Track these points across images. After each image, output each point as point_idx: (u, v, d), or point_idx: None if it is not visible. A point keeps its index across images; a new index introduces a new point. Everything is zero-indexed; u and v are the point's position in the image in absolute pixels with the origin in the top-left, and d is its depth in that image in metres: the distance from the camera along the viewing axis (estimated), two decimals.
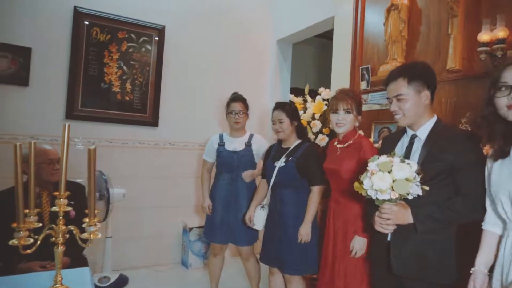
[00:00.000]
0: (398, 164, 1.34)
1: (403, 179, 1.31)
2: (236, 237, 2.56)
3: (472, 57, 2.10)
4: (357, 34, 2.98)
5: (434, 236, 1.46)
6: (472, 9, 2.11)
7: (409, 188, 1.31)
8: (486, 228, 1.35)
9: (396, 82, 1.55)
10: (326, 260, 2.02)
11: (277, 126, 2.28)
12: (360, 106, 2.04)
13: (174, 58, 3.61)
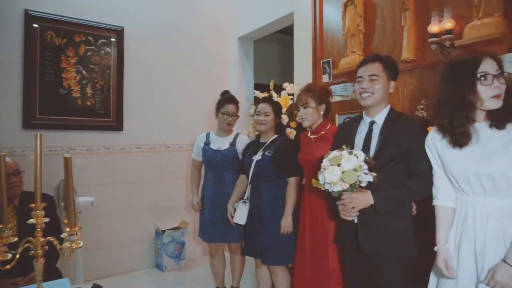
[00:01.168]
0: (346, 157, 1.49)
1: (351, 170, 1.46)
2: (226, 235, 2.58)
3: (424, 48, 2.25)
4: (316, 29, 3.07)
5: (395, 216, 1.60)
6: (422, 2, 2.26)
7: (357, 177, 1.45)
8: (440, 204, 1.47)
9: (374, 64, 1.71)
10: (302, 250, 2.11)
11: (262, 117, 2.33)
12: (320, 95, 2.12)
13: (136, 60, 3.54)
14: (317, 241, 2.01)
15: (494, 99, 1.25)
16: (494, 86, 1.25)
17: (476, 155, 1.30)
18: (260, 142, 2.41)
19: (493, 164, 1.25)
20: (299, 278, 2.11)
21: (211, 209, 2.61)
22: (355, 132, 1.75)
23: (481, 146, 1.29)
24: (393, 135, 1.61)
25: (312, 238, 2.04)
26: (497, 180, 1.24)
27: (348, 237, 1.71)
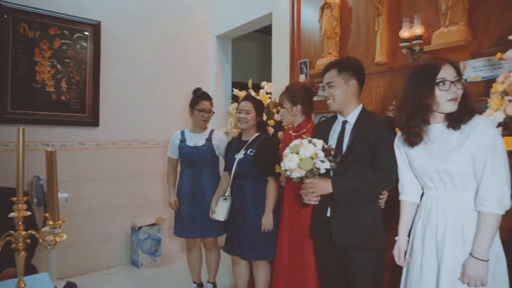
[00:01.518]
0: (305, 145, 1.60)
1: (307, 158, 1.57)
2: (203, 231, 2.61)
3: (396, 52, 2.37)
4: (294, 30, 3.15)
5: (365, 209, 1.71)
6: (394, 9, 2.38)
7: (313, 164, 1.56)
8: (404, 199, 1.59)
9: (329, 72, 1.80)
10: (280, 244, 2.18)
11: (243, 115, 2.36)
12: (295, 97, 2.18)
13: (113, 55, 3.49)
14: (295, 236, 2.08)
15: (450, 102, 1.35)
16: (451, 91, 1.35)
17: (435, 153, 1.41)
18: (242, 140, 2.44)
19: (450, 161, 1.36)
20: (277, 271, 2.18)
21: (189, 204, 2.63)
22: (330, 131, 1.84)
23: (440, 145, 1.40)
24: (363, 133, 1.71)
25: (290, 232, 2.11)
26: (454, 176, 1.36)
27: (322, 230, 1.80)
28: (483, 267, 1.29)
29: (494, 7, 1.94)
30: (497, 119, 1.52)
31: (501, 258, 1.36)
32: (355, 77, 1.77)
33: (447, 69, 1.37)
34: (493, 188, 1.28)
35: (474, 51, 2.02)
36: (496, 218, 1.30)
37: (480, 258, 1.29)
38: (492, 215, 1.29)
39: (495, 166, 1.28)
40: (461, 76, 1.38)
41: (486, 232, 1.30)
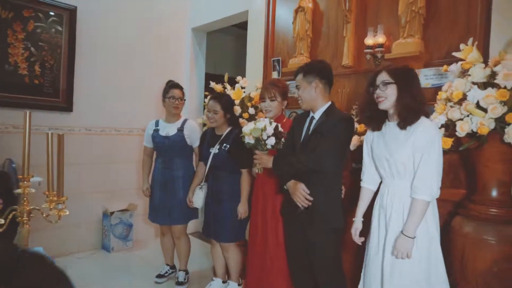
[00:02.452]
0: (262, 120, 2.07)
1: (258, 128, 2.02)
2: (171, 218, 2.74)
3: (361, 56, 2.63)
4: (269, 29, 3.34)
5: (325, 195, 1.95)
6: (361, 18, 2.63)
7: (260, 133, 2.02)
8: (365, 186, 1.88)
9: (297, 76, 2.07)
10: (255, 228, 2.39)
11: (211, 115, 2.51)
12: (284, 92, 2.42)
13: (88, 41, 3.50)
14: (268, 217, 2.30)
15: (378, 102, 1.68)
16: (377, 92, 1.67)
17: (388, 146, 1.69)
18: (216, 134, 2.59)
19: (395, 153, 1.65)
20: (252, 252, 2.40)
21: (159, 192, 2.76)
22: (303, 124, 2.07)
23: (391, 140, 1.69)
24: (320, 127, 1.98)
25: (264, 214, 2.33)
26: (398, 166, 1.65)
27: (288, 210, 2.06)
28: (409, 243, 1.58)
29: (444, 26, 2.25)
30: (440, 121, 1.81)
31: (434, 238, 1.65)
32: (319, 78, 1.99)
33: (380, 74, 1.68)
34: (425, 179, 1.57)
35: (426, 61, 2.31)
36: (425, 204, 1.58)
37: (408, 236, 1.58)
38: (422, 201, 1.57)
39: (429, 161, 1.56)
40: (396, 81, 1.65)
41: (415, 214, 1.58)
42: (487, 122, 1.64)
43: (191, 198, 2.63)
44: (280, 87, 2.38)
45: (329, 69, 2.07)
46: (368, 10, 2.61)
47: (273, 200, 2.28)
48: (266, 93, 2.36)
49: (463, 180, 2.12)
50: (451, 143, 1.83)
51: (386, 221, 1.69)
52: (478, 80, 1.70)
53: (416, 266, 1.62)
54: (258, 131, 2.02)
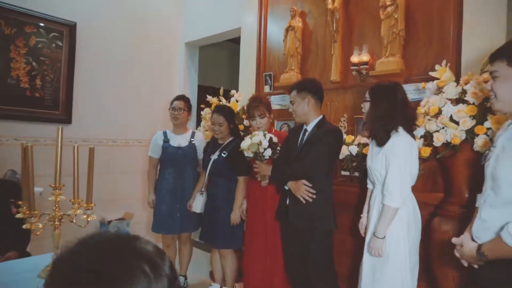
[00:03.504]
0: (258, 135, 2.28)
1: (255, 143, 2.24)
2: (182, 226, 2.84)
3: (347, 73, 2.86)
4: (261, 45, 3.55)
5: (316, 199, 2.13)
6: (347, 38, 2.88)
7: (257, 148, 2.23)
8: (368, 187, 2.10)
9: (292, 92, 2.29)
10: (252, 235, 2.56)
11: (217, 128, 2.66)
12: (270, 107, 2.64)
13: (87, 55, 3.65)
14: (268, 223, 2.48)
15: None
16: (362, 106, 1.94)
17: (369, 157, 1.96)
18: (218, 143, 2.76)
19: (373, 163, 1.90)
20: (248, 258, 2.58)
21: (170, 202, 2.83)
22: (298, 135, 2.28)
23: (371, 152, 1.95)
24: (312, 138, 2.19)
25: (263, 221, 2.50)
26: (376, 174, 1.89)
27: (283, 215, 2.26)
28: (380, 243, 1.81)
29: (421, 46, 2.51)
30: (420, 133, 2.05)
31: (400, 239, 1.83)
32: (311, 94, 2.22)
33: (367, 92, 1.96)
34: (389, 188, 1.79)
35: (406, 78, 2.56)
36: (391, 209, 1.79)
37: (378, 237, 1.81)
38: (389, 207, 1.80)
39: (393, 172, 1.78)
40: (371, 99, 1.91)
41: (384, 218, 1.81)
42: (459, 134, 1.89)
43: (191, 203, 2.76)
44: (265, 103, 2.60)
45: (320, 87, 2.30)
46: (353, 31, 2.86)
47: (271, 207, 2.46)
48: (255, 112, 2.54)
49: (441, 184, 2.36)
50: (429, 151, 2.08)
51: (369, 222, 1.94)
52: (451, 97, 1.95)
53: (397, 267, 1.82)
54: (255, 146, 2.24)
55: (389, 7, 2.50)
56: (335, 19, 2.82)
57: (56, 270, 0.56)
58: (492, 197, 1.38)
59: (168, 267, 0.58)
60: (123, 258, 0.55)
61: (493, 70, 1.36)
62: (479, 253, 1.35)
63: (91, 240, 0.58)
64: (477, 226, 1.43)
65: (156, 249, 0.59)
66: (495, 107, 1.40)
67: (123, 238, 0.60)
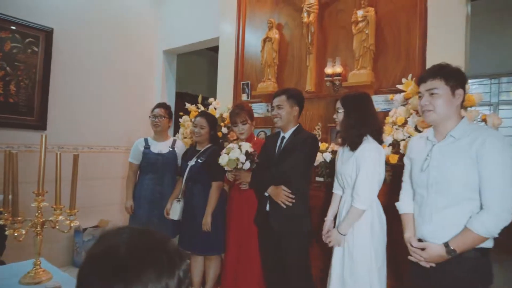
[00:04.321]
0: (233, 149, 2.35)
1: (232, 160, 2.34)
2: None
3: (322, 83, 3.00)
4: (238, 55, 3.64)
5: (295, 202, 2.22)
6: (321, 50, 3.02)
7: (235, 165, 2.33)
8: (335, 192, 2.21)
9: (280, 97, 2.38)
10: (229, 241, 2.62)
11: (197, 130, 2.73)
12: (252, 114, 2.74)
13: (64, 62, 3.62)
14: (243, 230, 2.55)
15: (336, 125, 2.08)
16: (335, 116, 2.06)
17: (339, 162, 2.08)
18: (196, 149, 2.82)
19: (344, 168, 2.02)
20: (226, 264, 2.63)
21: (148, 208, 2.85)
22: (275, 142, 2.38)
23: (342, 157, 2.08)
24: (289, 146, 2.30)
25: (238, 227, 2.57)
26: (346, 177, 2.02)
27: (262, 220, 2.33)
28: (341, 238, 1.97)
29: (390, 60, 2.68)
30: (388, 141, 2.20)
31: (366, 241, 1.96)
32: (297, 104, 2.36)
33: (337, 101, 2.10)
34: (358, 191, 1.93)
35: (377, 89, 2.72)
36: (358, 211, 1.94)
37: (341, 233, 1.96)
38: (356, 208, 1.93)
39: (361, 176, 1.92)
40: (347, 109, 2.04)
41: (350, 218, 1.95)
42: None
43: (169, 211, 2.78)
44: (248, 110, 2.69)
45: (303, 100, 2.45)
46: (327, 44, 3.01)
47: (248, 212, 2.53)
48: (238, 118, 2.63)
49: None
50: (397, 158, 2.22)
51: (338, 223, 2.06)
52: (415, 109, 2.10)
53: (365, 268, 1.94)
54: (233, 163, 2.34)
55: (360, 22, 2.66)
56: (311, 32, 2.96)
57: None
58: (441, 200, 1.55)
59: (184, 271, 0.64)
60: (147, 244, 0.64)
61: (433, 87, 1.57)
62: (449, 250, 1.50)
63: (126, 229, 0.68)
64: (430, 229, 1.59)
65: (179, 252, 0.66)
66: (430, 118, 1.61)
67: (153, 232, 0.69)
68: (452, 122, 1.60)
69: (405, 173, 1.85)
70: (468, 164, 1.49)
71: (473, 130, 1.56)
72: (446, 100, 1.56)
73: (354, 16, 2.70)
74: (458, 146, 1.54)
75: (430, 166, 1.60)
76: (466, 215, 1.50)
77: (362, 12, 2.65)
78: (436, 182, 1.57)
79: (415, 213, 1.73)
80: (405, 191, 1.84)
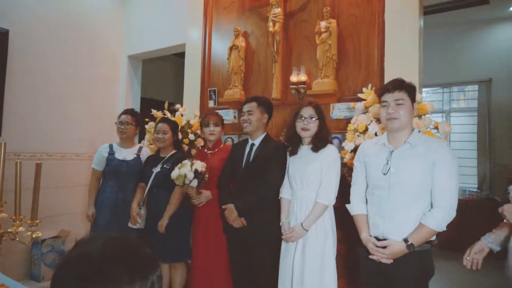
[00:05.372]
0: (186, 165, 2.42)
1: (181, 175, 2.40)
2: None
3: (287, 91, 3.08)
4: (205, 61, 3.65)
5: (270, 209, 2.30)
6: (286, 59, 3.11)
7: (183, 181, 2.39)
8: (284, 196, 2.28)
9: (251, 103, 2.44)
10: (197, 247, 2.62)
11: (161, 135, 2.70)
12: (223, 121, 2.80)
13: (21, 65, 3.45)
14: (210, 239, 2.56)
15: (302, 131, 2.14)
16: (303, 123, 2.11)
17: (301, 164, 2.15)
18: (160, 156, 2.78)
19: (307, 169, 2.11)
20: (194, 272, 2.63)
21: (110, 216, 2.77)
22: (243, 149, 2.42)
23: (304, 159, 2.15)
24: (262, 153, 2.35)
25: (205, 235, 2.58)
26: (308, 179, 2.10)
27: (231, 229, 2.34)
28: (303, 233, 2.06)
29: (351, 70, 2.81)
30: (350, 147, 2.30)
31: (329, 235, 2.09)
32: (267, 112, 2.44)
33: (306, 109, 2.15)
34: (326, 189, 2.05)
35: (339, 97, 2.84)
36: (323, 207, 2.06)
37: (304, 228, 2.06)
38: (321, 204, 2.05)
39: (330, 175, 2.05)
40: (319, 116, 2.15)
41: (315, 214, 2.06)
42: None
43: (139, 215, 2.67)
44: (220, 117, 2.74)
45: (273, 109, 2.54)
46: (292, 53, 3.11)
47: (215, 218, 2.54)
48: (211, 119, 2.67)
49: None
50: None
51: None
52: (375, 116, 2.23)
53: (318, 262, 2.05)
54: (181, 178, 2.41)
55: (323, 33, 2.77)
56: (276, 41, 3.04)
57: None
58: (401, 200, 1.71)
59: (157, 276, 0.69)
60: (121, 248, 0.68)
61: (401, 98, 1.74)
62: (409, 245, 1.65)
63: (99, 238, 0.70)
64: (392, 227, 1.73)
65: (152, 258, 0.72)
66: (395, 125, 1.76)
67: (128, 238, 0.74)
68: (408, 131, 1.78)
69: (357, 176, 1.96)
70: (425, 167, 1.67)
71: (426, 139, 1.76)
72: (409, 110, 1.74)
73: (317, 27, 2.81)
74: (415, 152, 1.71)
75: (391, 169, 1.73)
76: (420, 213, 1.69)
77: (325, 24, 2.76)
78: (397, 184, 1.71)
79: (371, 213, 1.84)
80: (357, 194, 1.95)
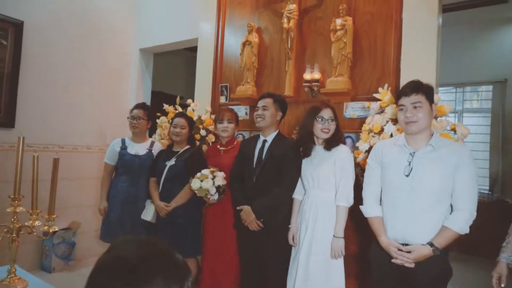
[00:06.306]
0: (208, 180, 2.41)
1: (204, 189, 2.42)
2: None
3: (300, 89, 3.06)
4: (217, 57, 3.63)
5: (283, 211, 2.29)
6: (300, 56, 3.07)
7: (205, 194, 2.43)
8: (296, 197, 2.28)
9: (266, 99, 2.42)
10: (207, 243, 2.63)
11: (178, 130, 2.68)
12: (238, 119, 2.77)
13: (36, 56, 3.47)
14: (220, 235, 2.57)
15: (322, 132, 2.11)
16: (324, 125, 2.09)
17: (313, 164, 2.13)
18: (173, 150, 2.76)
19: (319, 169, 2.09)
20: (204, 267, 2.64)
21: (121, 210, 2.78)
22: (254, 146, 2.40)
23: (317, 159, 2.13)
24: (276, 150, 2.33)
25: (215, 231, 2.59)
26: (320, 178, 2.09)
27: (241, 225, 2.34)
28: (341, 242, 2.02)
29: (366, 69, 2.77)
30: (365, 148, 2.28)
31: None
32: (281, 110, 2.43)
33: (325, 110, 2.12)
34: (344, 191, 2.02)
35: (353, 96, 2.80)
36: (345, 209, 2.03)
37: (338, 236, 2.02)
38: (343, 207, 2.03)
39: (346, 176, 2.03)
40: (336, 117, 2.13)
41: (341, 219, 2.03)
42: None
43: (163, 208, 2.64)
44: (235, 114, 2.73)
45: (287, 108, 2.52)
46: (306, 50, 3.07)
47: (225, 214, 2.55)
48: (225, 115, 2.65)
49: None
50: None
51: (308, 228, 2.11)
52: (391, 117, 2.20)
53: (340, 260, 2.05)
54: (203, 192, 2.43)
55: (339, 31, 2.73)
56: (290, 38, 3.01)
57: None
58: (423, 203, 1.68)
59: (191, 282, 0.69)
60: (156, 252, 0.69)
61: (418, 101, 1.70)
62: (435, 249, 1.62)
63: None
64: (415, 230, 1.69)
65: (185, 263, 0.74)
66: (413, 128, 1.72)
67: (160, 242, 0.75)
68: (427, 133, 1.75)
69: (372, 176, 1.89)
70: (447, 171, 1.65)
71: (447, 142, 1.75)
72: (427, 113, 1.70)
73: (332, 24, 2.77)
74: (437, 155, 1.69)
75: (414, 171, 1.69)
76: (441, 216, 1.67)
77: (341, 21, 2.72)
78: (418, 186, 1.68)
79: (388, 215, 1.79)
80: (370, 195, 1.88)
